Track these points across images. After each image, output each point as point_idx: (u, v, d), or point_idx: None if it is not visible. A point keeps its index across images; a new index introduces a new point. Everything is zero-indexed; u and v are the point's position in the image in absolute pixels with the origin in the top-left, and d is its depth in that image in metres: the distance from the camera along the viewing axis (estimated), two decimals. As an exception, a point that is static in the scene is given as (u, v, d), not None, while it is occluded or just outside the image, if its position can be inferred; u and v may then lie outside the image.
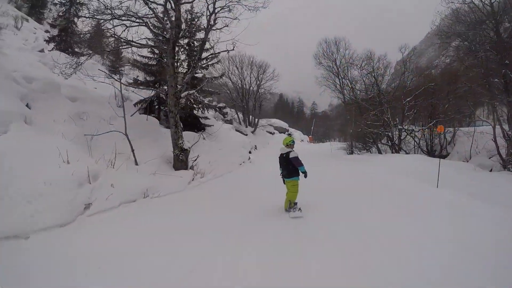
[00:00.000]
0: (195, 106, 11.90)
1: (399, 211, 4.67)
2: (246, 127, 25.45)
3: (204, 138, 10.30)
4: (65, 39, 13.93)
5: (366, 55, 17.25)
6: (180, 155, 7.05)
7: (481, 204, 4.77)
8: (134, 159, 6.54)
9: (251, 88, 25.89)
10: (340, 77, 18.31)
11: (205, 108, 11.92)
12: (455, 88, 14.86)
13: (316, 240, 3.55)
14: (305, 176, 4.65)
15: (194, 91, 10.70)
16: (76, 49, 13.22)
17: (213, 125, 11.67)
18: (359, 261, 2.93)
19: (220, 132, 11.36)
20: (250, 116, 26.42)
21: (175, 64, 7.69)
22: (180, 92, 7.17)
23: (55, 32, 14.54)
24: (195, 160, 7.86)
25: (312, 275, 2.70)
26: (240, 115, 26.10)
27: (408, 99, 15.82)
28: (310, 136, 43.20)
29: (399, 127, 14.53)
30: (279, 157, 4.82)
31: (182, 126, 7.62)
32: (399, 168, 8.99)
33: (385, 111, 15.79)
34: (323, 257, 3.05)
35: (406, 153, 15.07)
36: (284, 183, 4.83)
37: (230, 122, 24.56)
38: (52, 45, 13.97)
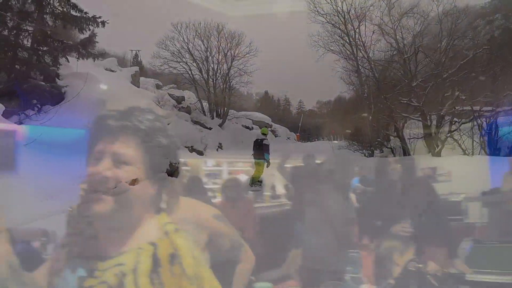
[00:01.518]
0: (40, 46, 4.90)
1: None
2: (212, 118, 18.83)
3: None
4: None
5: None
6: None
7: None
8: None
9: (219, 66, 19.00)
10: (349, 36, 11.55)
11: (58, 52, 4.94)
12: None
13: None
14: (268, 166, 5.47)
15: None
16: None
17: (67, 86, 4.74)
18: None
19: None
20: (225, 108, 19.66)
21: None
22: None
23: None
24: None
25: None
26: (205, 104, 19.41)
27: (451, 71, 9.80)
28: (298, 134, 37.42)
29: (458, 108, 8.24)
30: (254, 142, 6.12)
31: None
32: None
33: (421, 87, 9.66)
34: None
35: (465, 154, 8.85)
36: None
37: (187, 111, 17.77)
38: None
